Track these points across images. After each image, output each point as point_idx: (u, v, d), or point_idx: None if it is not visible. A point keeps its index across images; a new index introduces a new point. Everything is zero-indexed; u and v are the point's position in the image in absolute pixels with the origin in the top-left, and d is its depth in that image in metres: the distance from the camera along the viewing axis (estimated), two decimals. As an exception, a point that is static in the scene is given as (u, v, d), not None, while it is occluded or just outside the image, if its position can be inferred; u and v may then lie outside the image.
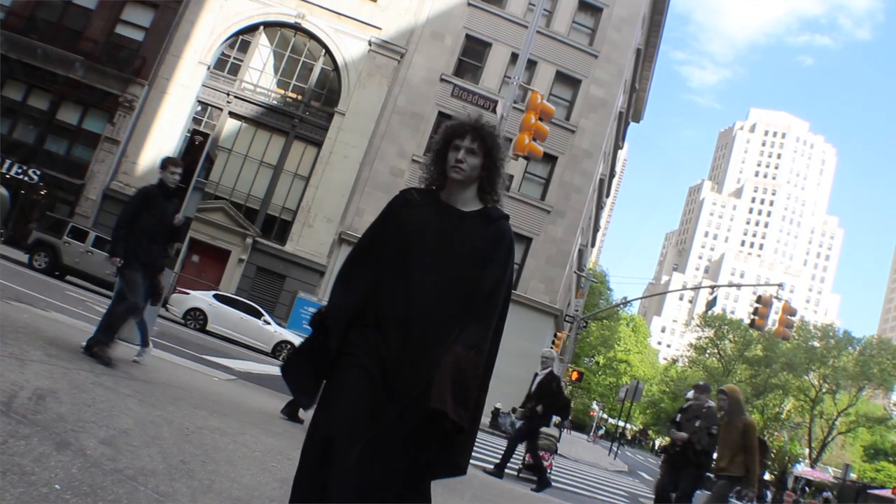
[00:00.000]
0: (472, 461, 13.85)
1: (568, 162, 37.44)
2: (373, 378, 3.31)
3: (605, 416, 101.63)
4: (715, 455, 10.95)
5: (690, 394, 12.57)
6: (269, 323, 27.36)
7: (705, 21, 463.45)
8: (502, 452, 14.13)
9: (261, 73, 38.72)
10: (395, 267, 3.47)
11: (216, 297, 27.67)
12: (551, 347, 14.38)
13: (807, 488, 63.37)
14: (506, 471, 14.12)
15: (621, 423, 72.22)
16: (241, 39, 38.61)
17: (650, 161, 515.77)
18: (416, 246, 3.47)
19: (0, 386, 5.29)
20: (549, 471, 15.35)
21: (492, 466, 13.84)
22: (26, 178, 35.03)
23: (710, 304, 53.26)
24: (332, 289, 3.63)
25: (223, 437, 6.87)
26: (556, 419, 15.95)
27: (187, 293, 27.27)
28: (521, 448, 16.59)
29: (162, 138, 36.61)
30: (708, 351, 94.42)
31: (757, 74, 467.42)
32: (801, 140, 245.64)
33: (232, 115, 37.87)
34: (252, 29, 38.48)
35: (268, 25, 38.58)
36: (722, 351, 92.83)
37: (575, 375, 45.77)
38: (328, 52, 38.34)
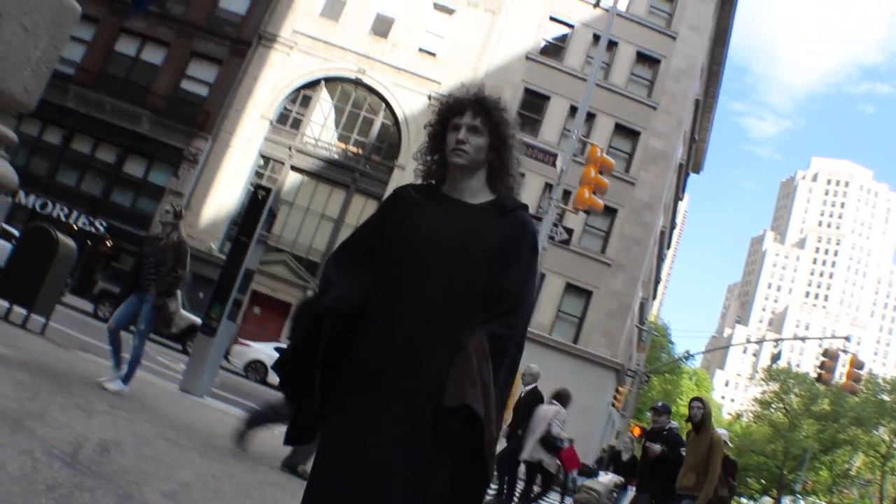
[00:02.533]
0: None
1: (628, 214, 37.19)
2: (370, 423, 2.76)
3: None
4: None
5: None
6: (328, 375, 27.22)
7: (763, 72, 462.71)
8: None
9: (322, 128, 39.29)
10: (394, 275, 2.89)
11: (277, 349, 27.71)
12: (531, 369, 13.39)
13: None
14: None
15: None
16: (303, 94, 39.26)
17: (711, 212, 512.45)
18: (418, 250, 2.89)
19: (66, 437, 5.33)
20: None
21: None
22: (93, 230, 35.87)
23: (775, 357, 52.36)
24: (324, 277, 3.02)
25: (283, 493, 6.84)
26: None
27: (248, 345, 27.34)
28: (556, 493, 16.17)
29: (225, 191, 37.27)
30: (773, 405, 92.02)
31: (817, 124, 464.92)
32: (865, 188, 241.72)
33: (294, 168, 38.40)
34: (313, 84, 39.11)
35: (329, 80, 39.18)
36: (787, 405, 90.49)
37: (637, 431, 44.83)
38: (388, 106, 38.78)
